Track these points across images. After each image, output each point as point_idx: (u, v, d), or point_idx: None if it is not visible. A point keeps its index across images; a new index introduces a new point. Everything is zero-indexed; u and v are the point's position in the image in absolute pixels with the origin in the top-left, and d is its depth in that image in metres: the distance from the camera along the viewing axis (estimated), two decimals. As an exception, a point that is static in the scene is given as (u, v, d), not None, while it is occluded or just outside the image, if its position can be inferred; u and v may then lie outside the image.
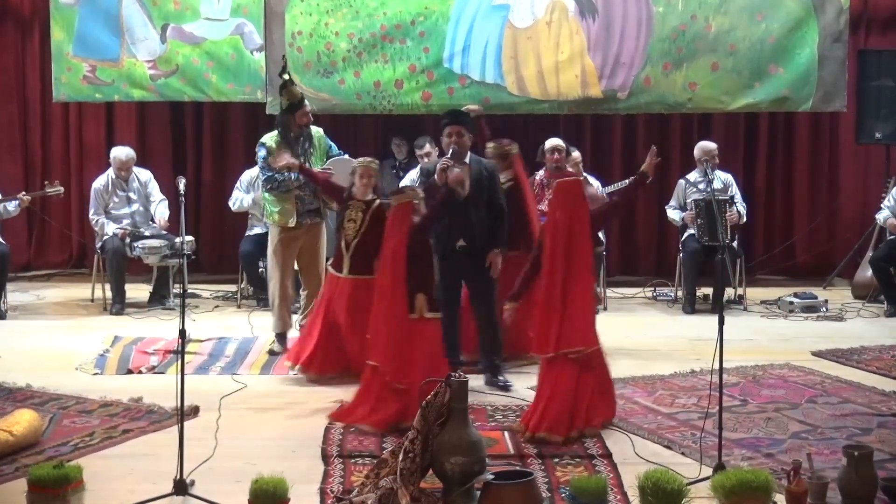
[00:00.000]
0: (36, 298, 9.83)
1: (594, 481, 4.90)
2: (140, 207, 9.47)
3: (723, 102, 10.07)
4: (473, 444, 4.88)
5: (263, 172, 7.67)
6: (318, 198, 7.75)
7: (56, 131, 11.10)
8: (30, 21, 10.95)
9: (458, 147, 6.78)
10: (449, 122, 6.91)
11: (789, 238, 10.99)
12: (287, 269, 7.78)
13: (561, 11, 9.94)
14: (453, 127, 6.85)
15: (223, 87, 10.11)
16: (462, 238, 6.80)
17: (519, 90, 10.00)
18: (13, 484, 5.11)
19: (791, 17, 9.91)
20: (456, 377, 4.95)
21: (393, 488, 4.73)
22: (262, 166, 7.66)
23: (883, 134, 10.09)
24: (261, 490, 4.67)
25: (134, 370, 7.30)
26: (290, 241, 7.74)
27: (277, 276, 7.73)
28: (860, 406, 6.44)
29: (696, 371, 7.18)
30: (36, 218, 10.95)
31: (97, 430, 5.96)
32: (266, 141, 7.71)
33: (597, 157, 10.75)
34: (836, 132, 10.88)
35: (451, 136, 6.82)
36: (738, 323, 8.55)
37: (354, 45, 10.00)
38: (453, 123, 6.88)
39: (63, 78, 10.17)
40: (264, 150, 7.64)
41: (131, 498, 4.92)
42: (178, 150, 11.08)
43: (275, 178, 7.58)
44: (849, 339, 8.22)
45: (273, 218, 7.71)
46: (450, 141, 6.81)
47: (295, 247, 7.78)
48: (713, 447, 5.25)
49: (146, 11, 10.06)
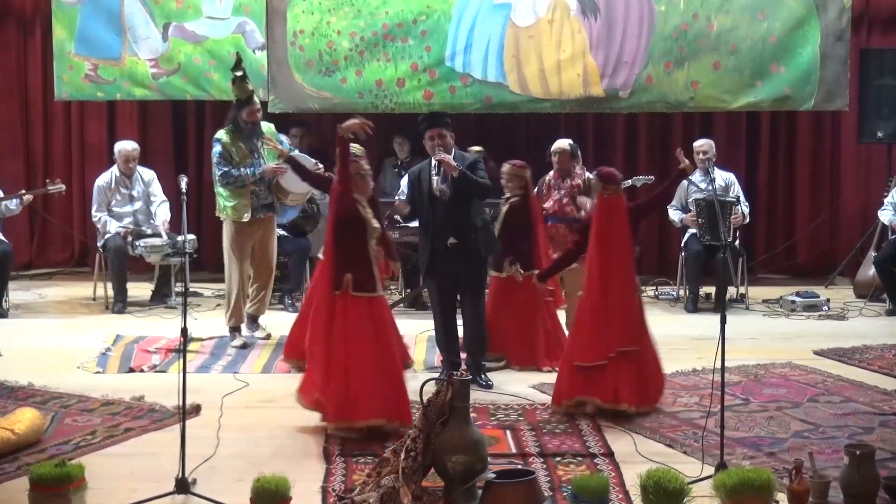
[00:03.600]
0: (38, 297, 9.83)
1: (596, 480, 4.89)
2: (142, 206, 9.47)
3: (724, 101, 10.07)
4: (475, 443, 4.88)
5: (219, 168, 7.76)
6: (272, 192, 7.89)
7: (58, 130, 11.11)
8: (31, 20, 10.95)
9: (442, 149, 6.77)
10: (429, 126, 6.83)
11: (791, 237, 10.99)
12: (243, 263, 7.91)
13: (563, 10, 9.93)
14: (434, 130, 6.80)
15: (225, 86, 10.06)
16: (452, 236, 6.81)
17: (521, 89, 10.00)
18: (15, 482, 5.12)
19: (793, 16, 9.90)
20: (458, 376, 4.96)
21: (395, 487, 4.73)
22: (217, 161, 7.76)
23: (885, 133, 10.08)
24: (262, 489, 4.67)
25: (136, 369, 7.30)
26: (246, 235, 7.88)
27: (235, 271, 7.88)
28: (862, 405, 6.44)
29: (698, 370, 7.18)
30: (38, 216, 10.95)
31: (99, 428, 5.96)
32: (220, 136, 7.82)
33: (598, 156, 10.73)
34: (838, 131, 10.88)
35: (434, 138, 6.79)
36: (740, 322, 8.56)
37: (356, 44, 9.99)
38: (433, 126, 6.82)
39: (65, 77, 10.17)
40: (219, 146, 7.77)
41: (133, 497, 4.92)
42: (180, 149, 11.09)
43: (231, 173, 7.73)
44: (851, 338, 8.22)
45: (227, 213, 7.85)
46: (433, 144, 6.78)
47: (250, 241, 7.91)
48: (715, 446, 5.25)
49: (148, 10, 10.06)
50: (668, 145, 10.73)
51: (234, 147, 7.77)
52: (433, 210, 6.86)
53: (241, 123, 7.79)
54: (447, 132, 6.83)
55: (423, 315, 8.75)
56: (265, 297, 8.15)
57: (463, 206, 6.82)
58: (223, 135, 7.79)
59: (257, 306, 8.13)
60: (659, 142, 10.91)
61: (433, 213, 6.86)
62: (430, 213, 6.88)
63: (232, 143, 7.76)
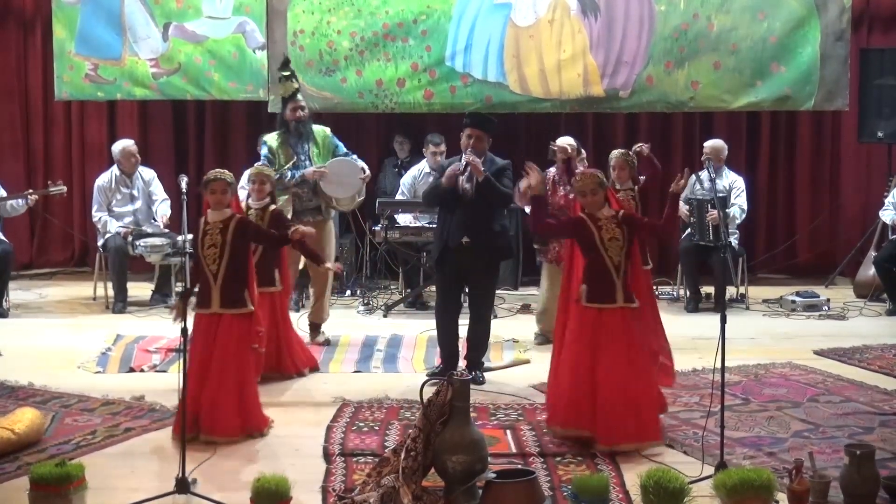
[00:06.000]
0: (38, 297, 9.83)
1: (596, 480, 4.90)
2: (142, 205, 9.47)
3: (725, 101, 10.07)
4: (475, 443, 4.89)
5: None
6: (319, 196, 7.80)
7: (58, 130, 11.11)
8: (32, 19, 10.96)
9: (474, 150, 6.79)
10: (470, 125, 6.90)
11: (791, 237, 10.99)
12: (291, 266, 7.80)
13: (563, 10, 9.93)
14: (474, 130, 6.85)
15: (225, 86, 10.12)
16: (467, 235, 6.82)
17: (521, 89, 10.00)
18: (15, 482, 5.12)
19: (793, 16, 9.90)
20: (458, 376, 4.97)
21: (395, 487, 4.73)
22: (263, 163, 7.71)
23: (885, 133, 10.08)
24: (263, 489, 4.67)
25: (136, 368, 7.31)
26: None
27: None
28: (862, 405, 6.44)
29: (698, 370, 7.18)
30: (38, 216, 10.95)
31: (99, 428, 5.97)
32: (267, 138, 7.86)
33: (599, 155, 10.72)
34: (838, 131, 10.88)
35: (472, 138, 6.83)
36: (740, 321, 8.56)
37: (356, 44, 10.00)
38: (475, 126, 6.87)
39: (65, 76, 10.17)
40: (265, 148, 7.80)
41: (133, 496, 4.91)
42: (180, 149, 11.09)
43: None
44: (851, 337, 8.22)
45: None
46: (468, 143, 6.82)
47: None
48: (715, 446, 5.24)
49: (148, 10, 10.06)
50: (668, 145, 10.75)
51: (280, 149, 7.78)
52: (454, 206, 6.86)
53: (288, 123, 7.79)
54: (486, 137, 6.87)
55: (423, 315, 8.76)
56: (321, 303, 8.05)
57: (483, 209, 6.84)
58: (271, 137, 7.85)
59: (313, 313, 8.07)
60: (659, 142, 10.88)
61: (453, 209, 6.86)
62: (451, 209, 6.89)
63: (279, 145, 7.77)
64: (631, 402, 5.62)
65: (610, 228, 5.76)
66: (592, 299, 5.74)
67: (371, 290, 9.82)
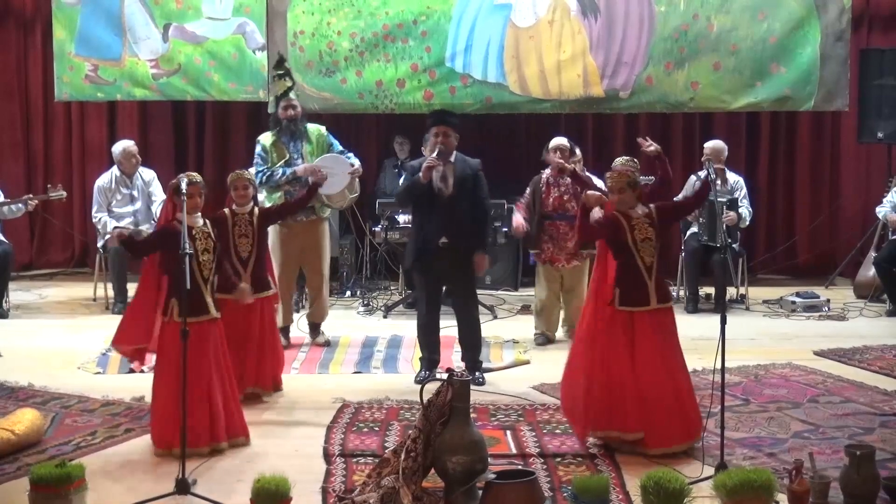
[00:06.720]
0: (38, 297, 9.84)
1: (596, 480, 4.90)
2: (142, 206, 9.47)
3: (724, 102, 10.07)
4: (475, 443, 4.89)
5: (255, 167, 7.78)
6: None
7: (58, 131, 11.11)
8: (32, 20, 10.96)
9: (444, 147, 6.78)
10: (435, 122, 6.89)
11: (791, 237, 10.99)
12: (285, 265, 7.82)
13: (563, 11, 9.93)
14: (440, 127, 6.83)
15: (225, 87, 10.11)
16: (445, 235, 6.80)
17: (521, 89, 10.00)
18: (15, 483, 5.12)
19: (793, 17, 9.90)
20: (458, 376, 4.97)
21: (395, 487, 4.73)
22: (255, 161, 7.82)
23: (885, 133, 10.08)
24: (263, 489, 4.67)
25: (136, 369, 7.29)
26: (288, 238, 7.83)
27: (277, 273, 7.76)
28: (862, 405, 6.44)
29: (698, 370, 7.16)
30: (38, 217, 10.94)
31: (99, 429, 5.97)
32: (261, 137, 7.90)
33: (598, 156, 10.74)
34: (838, 131, 10.88)
35: (438, 135, 6.81)
36: (740, 322, 8.57)
37: (356, 45, 10.00)
38: (440, 123, 6.86)
39: (65, 77, 10.17)
40: (259, 146, 7.86)
41: (133, 497, 4.92)
42: (180, 150, 11.09)
43: (263, 172, 7.74)
44: (851, 338, 8.22)
45: None
46: (436, 141, 6.80)
47: (294, 244, 7.84)
48: (715, 446, 5.25)
49: (148, 11, 10.06)
50: (668, 146, 10.71)
51: (273, 148, 7.80)
52: (430, 207, 6.83)
53: (281, 122, 7.83)
54: (452, 132, 6.84)
55: (423, 315, 8.75)
56: (319, 303, 8.06)
57: (460, 208, 6.81)
58: (265, 136, 7.88)
59: (312, 313, 8.09)
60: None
61: (430, 209, 6.83)
62: (426, 210, 6.86)
63: (272, 144, 7.81)
64: (676, 403, 5.60)
65: (643, 228, 5.71)
66: (626, 303, 5.68)
67: (371, 290, 9.82)
